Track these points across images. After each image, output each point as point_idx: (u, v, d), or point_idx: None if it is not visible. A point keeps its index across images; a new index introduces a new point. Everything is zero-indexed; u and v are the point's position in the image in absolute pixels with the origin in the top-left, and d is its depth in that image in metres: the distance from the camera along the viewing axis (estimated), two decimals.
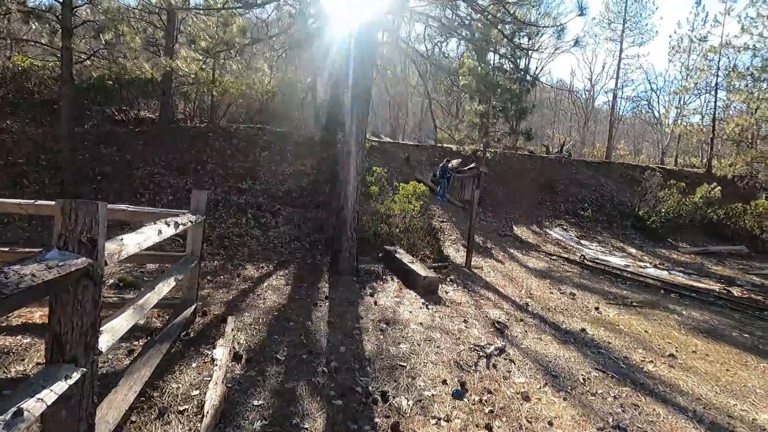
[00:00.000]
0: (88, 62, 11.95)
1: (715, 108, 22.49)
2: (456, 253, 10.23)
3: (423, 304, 6.00)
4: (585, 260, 10.21)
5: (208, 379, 3.18)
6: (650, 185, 15.98)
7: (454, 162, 17.40)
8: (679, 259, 12.29)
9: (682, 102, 26.60)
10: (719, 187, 17.19)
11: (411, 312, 5.55)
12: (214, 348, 3.76)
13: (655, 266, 10.47)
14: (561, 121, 44.81)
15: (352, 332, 4.61)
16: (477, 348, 4.38)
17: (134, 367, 2.87)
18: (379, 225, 9.82)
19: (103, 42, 8.94)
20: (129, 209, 3.71)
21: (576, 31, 35.37)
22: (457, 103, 21.50)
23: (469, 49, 16.42)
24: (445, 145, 20.58)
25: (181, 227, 3.22)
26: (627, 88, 46.05)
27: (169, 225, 2.86)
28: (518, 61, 15.69)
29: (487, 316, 5.66)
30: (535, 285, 7.81)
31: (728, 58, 23.31)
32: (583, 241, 13.14)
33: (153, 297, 2.76)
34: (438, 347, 4.35)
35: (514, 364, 4.10)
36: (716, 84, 22.75)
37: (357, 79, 6.96)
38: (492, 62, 16.51)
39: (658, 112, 33.36)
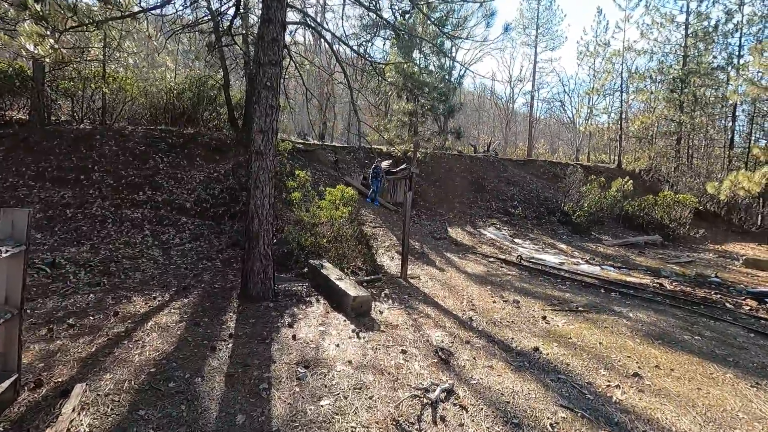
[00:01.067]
0: None
1: (621, 107, 24.32)
2: (391, 262, 9.39)
3: (353, 331, 5.00)
4: (522, 261, 9.88)
5: None
6: (573, 181, 16.49)
7: (385, 163, 16.67)
8: (605, 252, 12.58)
9: (592, 103, 28.51)
10: (631, 181, 18.30)
11: (338, 345, 4.53)
12: None
13: (587, 262, 10.46)
14: (485, 122, 46.47)
15: (257, 388, 3.48)
16: (419, 393, 3.46)
17: None
18: (303, 235, 8.67)
19: None
20: None
21: (496, 34, 36.66)
22: (386, 103, 20.87)
23: (394, 46, 15.78)
24: (374, 146, 19.83)
25: None
26: (543, 90, 48.99)
27: None
28: (444, 58, 15.35)
29: (428, 341, 4.80)
30: (477, 293, 7.16)
31: (629, 63, 25.35)
32: (516, 240, 13.01)
33: None
34: (371, 398, 3.38)
35: (467, 411, 3.25)
36: (621, 85, 24.58)
37: (265, 63, 5.80)
38: (419, 62, 15.99)
39: (571, 112, 35.64)
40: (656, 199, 16.73)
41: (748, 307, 6.58)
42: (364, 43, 26.43)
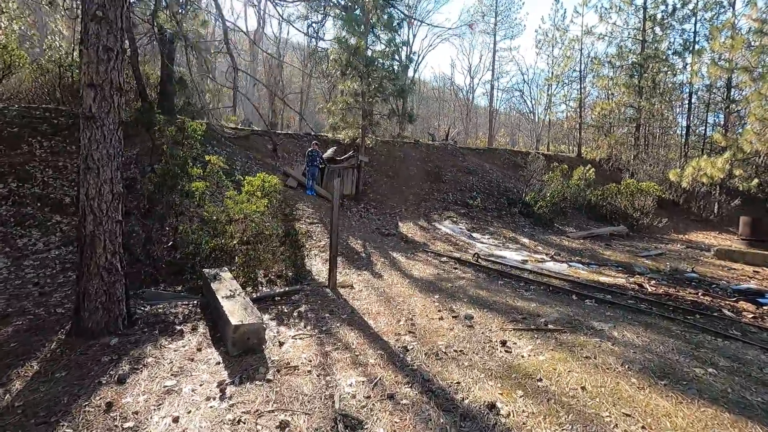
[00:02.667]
0: None
1: (580, 95, 23.60)
2: (323, 266, 7.67)
3: (220, 385, 3.26)
4: (479, 260, 8.42)
5: None
6: (534, 169, 15.33)
7: (330, 151, 14.85)
8: (570, 245, 11.40)
9: (551, 92, 27.83)
10: (593, 169, 17.43)
11: (177, 420, 2.77)
12: None
13: (552, 258, 9.16)
14: (445, 114, 45.41)
15: None
16: None
17: None
18: (203, 236, 6.77)
19: None
20: None
21: (453, 19, 35.40)
22: (334, 86, 19.02)
23: (343, 26, 13.94)
24: (322, 134, 17.92)
25: None
26: (502, 79, 48.55)
27: None
28: (395, 33, 13.66)
29: (331, 399, 3.13)
30: (421, 306, 5.57)
31: (588, 49, 24.73)
32: (474, 234, 11.60)
33: None
34: None
35: None
36: (581, 72, 23.86)
37: None
38: (365, 41, 14.19)
39: (531, 102, 35.08)
40: (619, 187, 15.89)
41: (751, 315, 5.37)
42: (314, 24, 24.41)
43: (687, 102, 22.51)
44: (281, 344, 4.22)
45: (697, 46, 20.85)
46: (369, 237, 10.29)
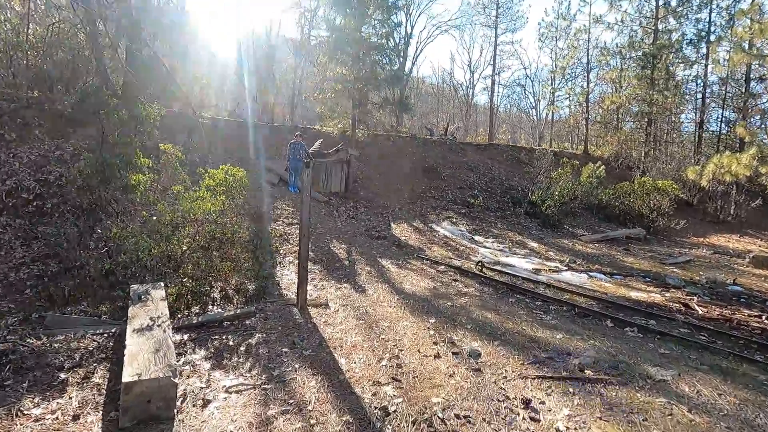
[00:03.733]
0: None
1: (587, 88, 22.29)
2: (297, 276, 6.33)
3: None
4: (484, 269, 7.12)
5: None
6: (542, 165, 14.02)
7: (317, 144, 13.50)
8: (585, 250, 10.11)
9: (555, 85, 26.47)
10: (603, 166, 16.14)
11: None
12: None
13: (568, 267, 7.86)
14: (444, 111, 44.08)
15: None
16: None
17: None
18: (146, 242, 5.43)
19: None
20: None
21: (453, 10, 34.06)
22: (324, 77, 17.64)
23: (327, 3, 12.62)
24: (313, 127, 16.58)
25: None
26: (504, 74, 47.28)
27: None
28: (389, 13, 12.33)
29: None
30: (411, 336, 4.26)
31: (595, 41, 23.43)
32: (477, 237, 10.29)
33: None
34: None
35: None
36: (587, 64, 22.53)
37: None
38: (355, 20, 12.86)
39: (534, 97, 33.80)
40: (633, 186, 14.60)
41: None
42: (306, 14, 23.03)
43: (700, 96, 21.24)
44: (206, 404, 2.91)
45: (712, 36, 19.59)
46: (356, 240, 8.97)
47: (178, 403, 2.85)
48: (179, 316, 4.57)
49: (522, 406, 2.94)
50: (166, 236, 5.62)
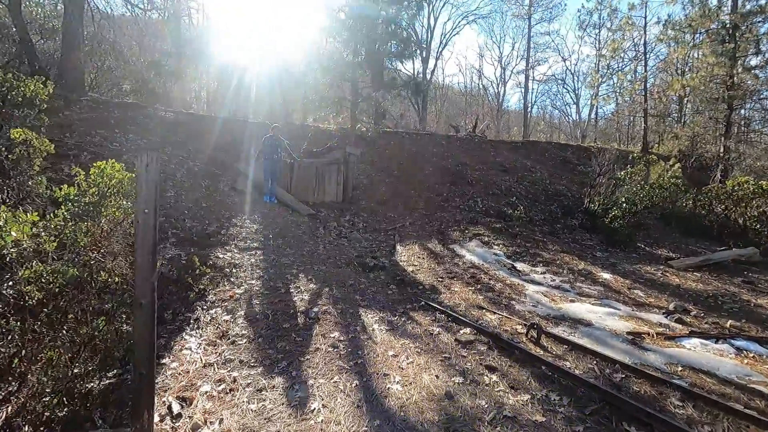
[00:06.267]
0: None
1: (645, 72, 18.51)
2: (202, 352, 3.44)
3: None
4: (540, 337, 3.96)
5: None
6: (603, 164, 10.58)
7: (306, 142, 10.71)
8: (686, 285, 6.73)
9: (601, 73, 22.73)
10: (678, 164, 12.54)
11: None
12: None
13: (691, 331, 4.53)
14: (473, 112, 40.78)
15: None
16: None
17: None
18: None
19: None
20: None
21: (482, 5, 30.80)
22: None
23: None
24: (309, 124, 13.87)
25: None
26: (539, 67, 43.46)
27: None
28: None
29: None
30: None
31: (652, 18, 19.68)
32: (520, 265, 7.10)
33: None
34: None
35: None
36: (645, 44, 18.81)
37: None
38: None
39: (575, 91, 30.08)
40: (726, 188, 10.93)
41: None
42: None
43: None
44: None
45: None
46: (340, 273, 6.00)
47: None
48: None
49: None
50: None
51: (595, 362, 3.60)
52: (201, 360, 3.46)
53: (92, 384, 3.01)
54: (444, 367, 3.45)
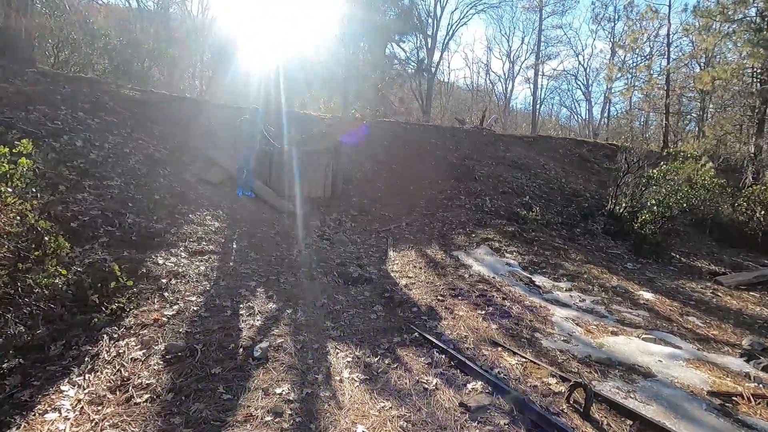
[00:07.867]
0: None
1: (668, 64, 17.06)
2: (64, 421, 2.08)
3: None
4: (591, 404, 2.63)
5: None
6: (631, 161, 9.17)
7: (294, 129, 9.40)
8: (744, 308, 5.41)
9: (615, 66, 21.27)
10: (711, 163, 11.18)
11: None
12: None
13: None
14: (479, 107, 39.38)
15: None
16: None
17: None
18: None
19: None
20: None
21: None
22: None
23: None
24: (303, 111, 12.54)
25: None
26: (551, 61, 41.88)
27: None
28: None
29: None
30: None
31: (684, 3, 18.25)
32: (538, 280, 5.78)
33: None
34: None
35: None
36: (668, 34, 17.36)
37: None
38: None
39: (587, 87, 28.65)
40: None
41: None
42: None
43: None
44: None
45: None
46: (310, 287, 4.69)
47: None
48: None
49: None
50: None
51: None
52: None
53: None
54: None
